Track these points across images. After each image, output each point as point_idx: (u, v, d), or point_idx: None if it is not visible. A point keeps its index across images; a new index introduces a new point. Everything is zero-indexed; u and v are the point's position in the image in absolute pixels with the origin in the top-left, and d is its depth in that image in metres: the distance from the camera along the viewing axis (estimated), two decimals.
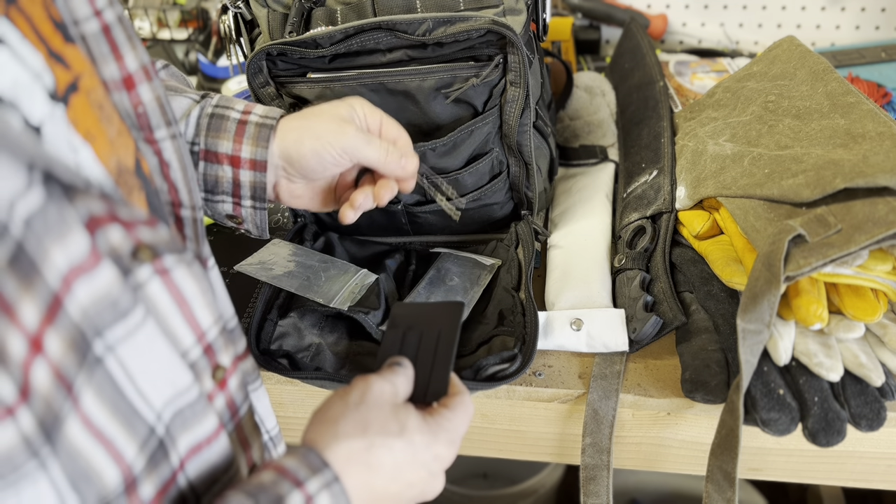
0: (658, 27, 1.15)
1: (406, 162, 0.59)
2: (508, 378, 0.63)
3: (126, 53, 0.42)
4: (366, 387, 0.44)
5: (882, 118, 0.65)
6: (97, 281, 0.32)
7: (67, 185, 0.31)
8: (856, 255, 0.58)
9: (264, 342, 0.69)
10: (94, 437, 0.32)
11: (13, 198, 0.27)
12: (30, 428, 0.28)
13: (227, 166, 0.57)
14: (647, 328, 0.66)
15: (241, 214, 0.60)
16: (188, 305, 0.38)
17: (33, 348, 0.28)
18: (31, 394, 0.28)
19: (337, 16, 0.66)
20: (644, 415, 0.67)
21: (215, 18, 1.20)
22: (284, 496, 0.37)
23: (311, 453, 0.40)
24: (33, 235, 0.28)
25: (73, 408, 0.31)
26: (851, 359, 0.60)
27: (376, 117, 0.59)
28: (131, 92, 0.42)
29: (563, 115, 0.97)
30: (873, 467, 0.69)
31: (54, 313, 0.29)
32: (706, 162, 0.74)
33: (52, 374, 0.29)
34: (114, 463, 0.33)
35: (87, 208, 0.32)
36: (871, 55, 1.03)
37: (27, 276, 0.28)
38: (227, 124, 0.57)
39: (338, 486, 0.39)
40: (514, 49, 0.65)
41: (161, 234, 0.37)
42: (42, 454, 0.29)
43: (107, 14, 0.41)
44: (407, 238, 0.82)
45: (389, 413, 0.43)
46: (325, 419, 0.43)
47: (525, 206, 0.79)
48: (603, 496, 0.65)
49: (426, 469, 0.44)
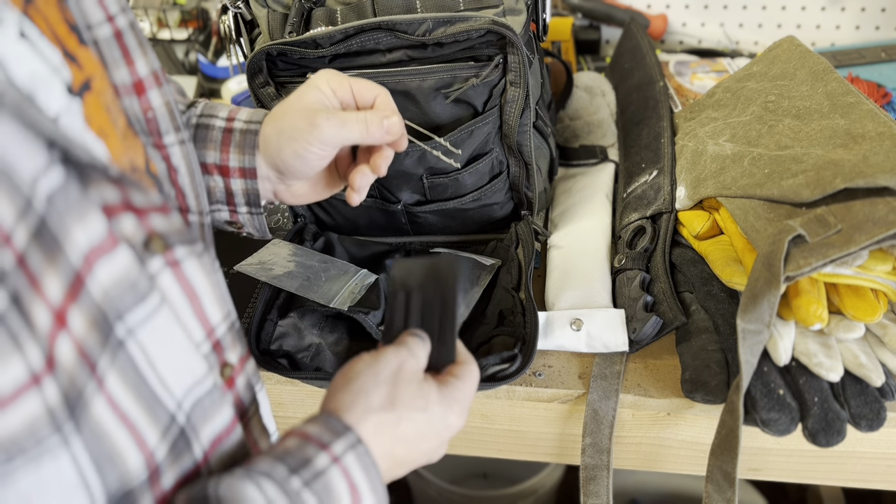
0: (658, 27, 1.15)
1: (389, 125, 0.55)
2: (508, 378, 0.63)
3: (137, 59, 0.43)
4: (399, 364, 0.45)
5: (882, 118, 0.65)
6: (116, 262, 0.32)
7: (83, 171, 0.31)
8: (856, 256, 0.58)
9: (264, 342, 0.69)
10: (119, 420, 0.32)
11: (36, 175, 0.28)
12: (54, 400, 0.28)
13: (217, 176, 0.57)
14: (647, 328, 0.66)
15: (240, 220, 0.60)
16: (198, 299, 0.39)
17: (58, 322, 0.29)
18: (56, 366, 0.29)
19: (337, 16, 0.66)
20: (644, 415, 0.67)
21: (215, 18, 1.20)
22: (311, 458, 0.38)
23: (331, 419, 0.41)
24: (55, 212, 0.29)
25: (98, 388, 0.31)
26: (851, 359, 0.60)
27: (345, 87, 0.55)
28: (141, 97, 0.43)
29: (563, 115, 0.97)
30: (873, 467, 0.69)
31: (77, 291, 0.30)
32: (706, 162, 0.74)
33: (76, 350, 0.30)
34: (137, 448, 0.33)
35: (101, 196, 0.33)
36: (871, 55, 1.03)
37: (51, 251, 0.29)
38: (212, 134, 0.56)
39: (362, 447, 0.40)
40: (514, 49, 0.65)
41: (174, 221, 0.37)
42: (65, 430, 0.29)
43: (119, 20, 0.41)
44: (407, 238, 0.82)
45: (417, 388, 0.45)
46: (355, 390, 0.43)
47: (525, 206, 0.79)
48: (603, 496, 0.65)
49: (439, 438, 0.46)
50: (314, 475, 0.37)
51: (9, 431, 0.27)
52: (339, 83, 0.55)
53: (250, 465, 0.37)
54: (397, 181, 0.74)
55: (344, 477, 0.38)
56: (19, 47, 0.31)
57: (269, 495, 0.35)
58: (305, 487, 0.37)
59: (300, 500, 0.36)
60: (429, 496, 1.29)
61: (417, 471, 1.27)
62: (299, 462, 0.38)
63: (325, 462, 0.38)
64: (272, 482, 0.36)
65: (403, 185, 0.74)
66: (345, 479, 0.38)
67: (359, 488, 0.39)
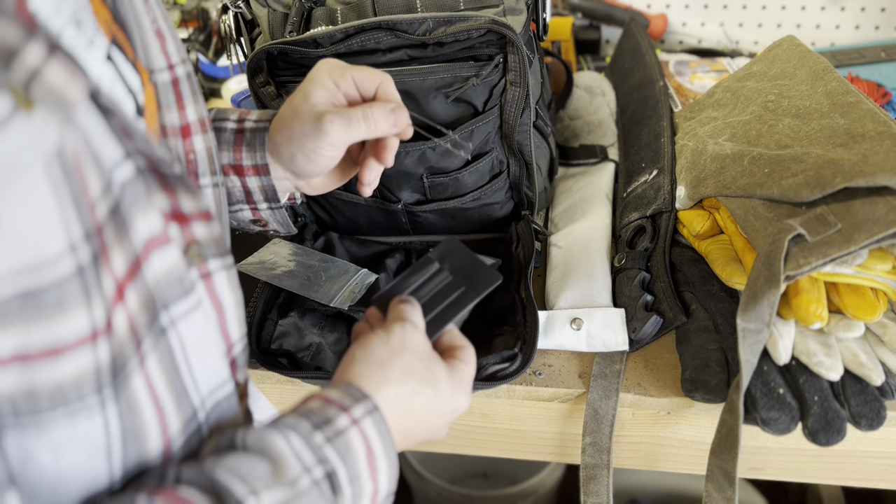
0: (658, 27, 1.15)
1: (395, 118, 0.55)
2: (508, 377, 0.63)
3: (188, 105, 0.46)
4: (404, 334, 0.48)
5: (882, 118, 0.65)
6: (168, 256, 0.36)
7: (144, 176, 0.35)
8: (856, 255, 0.58)
9: (264, 342, 0.69)
10: (152, 401, 0.34)
11: (114, 164, 0.32)
12: (104, 361, 0.31)
13: (234, 176, 0.58)
14: (648, 327, 0.66)
15: (262, 217, 0.62)
16: (224, 314, 0.42)
17: (118, 294, 0.32)
18: (112, 332, 0.31)
19: (337, 15, 0.66)
20: (644, 414, 0.67)
21: (215, 18, 1.20)
22: (333, 418, 0.40)
23: (350, 387, 0.43)
24: (126, 199, 0.33)
25: (140, 365, 0.34)
26: (851, 358, 0.60)
27: (347, 79, 0.55)
28: (186, 140, 0.46)
29: (563, 114, 0.97)
30: (873, 467, 0.69)
31: (135, 272, 0.33)
32: (706, 161, 0.74)
33: (129, 324, 0.33)
34: (160, 432, 0.35)
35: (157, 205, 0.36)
36: (870, 55, 1.03)
37: (120, 230, 0.32)
38: (224, 136, 0.58)
39: (378, 414, 0.42)
40: (514, 49, 0.65)
41: (214, 230, 0.40)
42: (104, 394, 0.32)
43: (178, 69, 0.45)
44: (407, 238, 0.82)
45: (427, 363, 0.47)
46: (371, 361, 0.46)
47: (525, 205, 0.79)
48: (603, 496, 0.65)
49: (446, 418, 0.48)
50: (335, 433, 0.39)
51: (59, 380, 0.30)
52: (340, 75, 0.55)
53: (280, 419, 0.40)
54: (397, 181, 0.74)
55: (362, 438, 0.40)
56: (105, 69, 0.37)
57: (294, 446, 0.38)
58: (327, 443, 0.39)
59: (322, 453, 0.38)
60: (429, 496, 1.29)
61: (417, 471, 1.27)
62: (322, 420, 0.40)
63: (346, 423, 0.40)
64: (297, 434, 0.38)
65: (404, 184, 0.74)
66: (363, 440, 0.40)
67: (374, 451, 0.41)
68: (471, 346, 0.52)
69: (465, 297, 0.53)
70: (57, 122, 0.28)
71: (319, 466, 0.37)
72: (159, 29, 0.44)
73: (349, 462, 0.39)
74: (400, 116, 0.55)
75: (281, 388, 0.72)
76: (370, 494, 0.40)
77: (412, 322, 0.49)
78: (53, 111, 0.27)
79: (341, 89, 0.56)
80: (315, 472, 0.37)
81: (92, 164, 0.30)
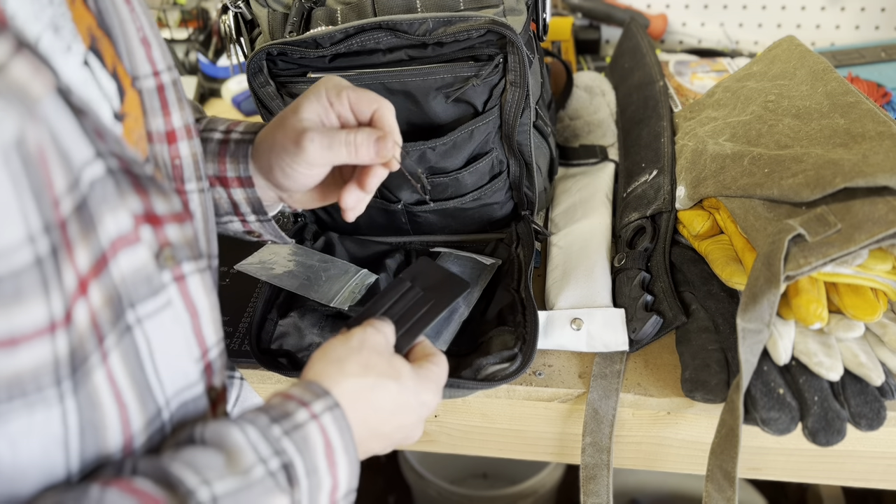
0: (658, 27, 1.15)
1: (379, 148, 0.52)
2: (508, 377, 0.63)
3: (174, 112, 0.46)
4: (364, 335, 0.49)
5: (882, 118, 0.65)
6: (136, 255, 0.37)
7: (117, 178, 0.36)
8: (855, 255, 0.58)
9: (265, 342, 0.69)
10: (113, 395, 0.35)
11: (84, 162, 0.33)
12: (63, 353, 0.32)
13: (219, 188, 0.58)
14: (647, 327, 0.66)
15: (254, 229, 0.61)
16: (198, 318, 0.42)
17: (80, 288, 0.32)
18: (72, 325, 0.32)
19: (337, 16, 0.66)
20: (644, 414, 0.67)
21: (215, 18, 1.20)
22: (292, 412, 0.41)
23: (312, 384, 0.44)
24: (95, 197, 0.34)
25: (102, 360, 0.34)
26: (851, 358, 0.60)
27: (342, 100, 0.53)
28: (172, 146, 0.47)
29: (563, 115, 0.97)
30: (873, 467, 0.69)
31: (100, 269, 0.34)
32: (706, 161, 0.74)
33: (90, 319, 0.33)
34: (121, 427, 0.36)
35: (126, 205, 0.36)
36: (870, 55, 1.03)
37: (86, 227, 0.33)
38: (210, 146, 0.58)
39: (339, 410, 0.42)
40: (514, 49, 0.65)
41: (187, 232, 0.41)
42: (63, 386, 0.32)
43: (164, 76, 0.46)
44: (407, 238, 0.82)
45: (388, 359, 0.48)
46: (330, 359, 0.46)
47: (525, 205, 0.79)
48: (603, 496, 0.65)
49: (415, 413, 0.48)
50: (294, 426, 0.40)
51: (16, 370, 0.30)
52: (337, 94, 0.53)
53: (241, 417, 0.40)
54: (397, 181, 0.74)
55: (321, 433, 0.41)
56: (81, 73, 0.38)
57: (251, 437, 0.38)
58: (285, 436, 0.39)
59: (279, 445, 0.39)
60: (429, 496, 1.29)
61: (417, 471, 1.27)
62: (280, 414, 0.40)
63: (305, 417, 0.41)
64: (255, 427, 0.39)
65: (404, 184, 0.74)
66: (322, 434, 0.41)
67: (334, 445, 0.41)
68: (442, 355, 0.52)
69: (434, 308, 0.55)
70: (17, 115, 0.28)
71: (276, 458, 0.38)
72: (145, 36, 0.45)
73: (307, 455, 0.39)
74: (384, 147, 0.52)
75: (281, 388, 0.72)
76: (329, 489, 0.40)
77: (374, 326, 0.50)
78: (13, 104, 0.28)
79: (335, 108, 0.53)
80: (271, 463, 0.38)
81: (58, 159, 0.31)
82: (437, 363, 0.51)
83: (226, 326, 0.75)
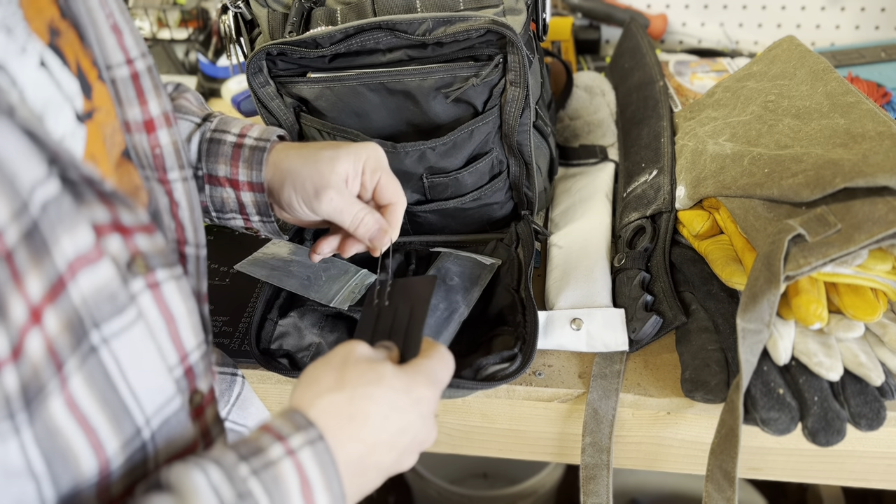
0: (658, 27, 1.15)
1: (373, 239, 0.58)
2: (508, 377, 0.63)
3: (150, 100, 0.46)
4: (348, 350, 0.46)
5: (882, 118, 0.65)
6: (99, 273, 0.35)
7: (78, 189, 0.34)
8: (855, 255, 0.58)
9: (264, 342, 0.69)
10: (76, 421, 0.34)
11: (34, 183, 0.31)
12: (12, 388, 0.30)
13: (229, 188, 0.59)
14: (647, 328, 0.66)
15: (254, 227, 0.62)
16: (175, 323, 0.41)
17: (32, 318, 0.31)
18: (22, 358, 0.31)
19: (337, 16, 0.66)
20: (644, 414, 0.67)
21: (215, 18, 1.20)
22: (265, 448, 0.38)
23: (295, 414, 0.41)
24: (48, 219, 0.32)
25: (60, 387, 0.33)
26: (851, 358, 0.60)
27: (374, 179, 0.58)
28: (151, 135, 0.46)
29: (563, 115, 0.97)
30: (873, 467, 0.69)
31: (57, 293, 0.32)
32: (706, 161, 0.74)
33: (46, 347, 0.32)
34: (93, 452, 0.34)
35: (92, 215, 0.35)
36: (870, 55, 1.03)
37: (38, 252, 0.31)
38: (223, 149, 0.58)
39: (322, 444, 0.39)
40: (514, 49, 0.65)
41: (157, 241, 0.40)
42: (18, 419, 0.31)
43: (138, 63, 0.45)
44: (407, 238, 0.82)
45: (366, 367, 0.44)
46: (307, 381, 0.44)
47: (525, 205, 0.79)
48: (603, 496, 0.65)
49: (414, 412, 0.44)
50: (264, 465, 0.37)
51: None
52: (374, 168, 0.58)
53: (209, 452, 0.38)
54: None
55: (296, 470, 0.38)
56: (38, 75, 0.36)
57: (213, 480, 0.36)
58: (253, 475, 0.37)
59: (245, 487, 0.36)
60: (429, 496, 1.29)
61: (417, 471, 1.27)
62: (251, 451, 0.38)
63: (279, 453, 0.38)
64: (219, 468, 0.36)
65: (404, 184, 0.74)
66: (297, 472, 0.38)
67: (311, 483, 0.38)
68: (437, 348, 0.49)
69: (417, 312, 0.53)
70: None
71: (240, 501, 0.35)
72: (116, 23, 0.43)
73: (276, 496, 0.36)
74: (380, 239, 0.58)
75: (281, 388, 0.72)
76: None
77: (357, 339, 0.48)
78: None
79: (363, 178, 0.58)
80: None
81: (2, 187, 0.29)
82: (428, 356, 0.48)
83: (225, 326, 0.75)
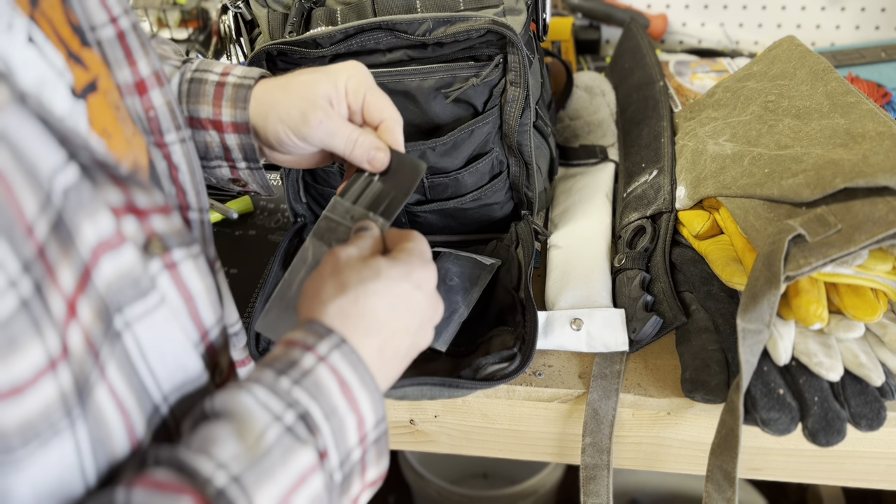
0: (658, 27, 1.15)
1: (372, 158, 0.53)
2: (508, 377, 0.63)
3: (139, 59, 0.44)
4: (334, 258, 0.46)
5: (882, 118, 0.65)
6: (121, 258, 0.34)
7: (90, 172, 0.33)
8: (856, 255, 0.58)
9: (264, 342, 0.69)
10: (116, 407, 0.34)
11: (54, 171, 0.30)
12: (68, 385, 0.30)
13: (212, 131, 0.56)
14: (647, 328, 0.66)
15: (241, 177, 0.59)
16: (193, 301, 0.40)
17: (70, 311, 0.31)
18: (70, 353, 0.30)
19: (337, 16, 0.66)
20: (644, 414, 0.67)
21: (215, 18, 1.20)
22: (297, 360, 0.39)
23: (313, 324, 0.42)
24: (70, 207, 0.31)
25: (101, 376, 0.33)
26: (851, 358, 0.60)
27: (359, 95, 0.53)
28: (143, 96, 0.44)
29: (563, 115, 0.97)
30: (873, 467, 0.69)
31: (85, 282, 0.32)
32: (706, 162, 0.74)
33: (84, 339, 0.32)
34: (127, 435, 0.35)
35: (106, 198, 0.35)
36: (871, 55, 1.03)
37: (65, 243, 0.31)
38: (205, 88, 0.55)
39: (346, 346, 0.40)
40: (514, 49, 0.65)
41: (174, 222, 0.39)
42: (73, 414, 0.31)
43: (122, 21, 0.43)
44: None
45: (361, 265, 0.45)
46: (309, 296, 0.44)
47: (525, 205, 0.79)
48: (603, 496, 0.65)
49: (419, 293, 0.45)
50: (302, 374, 0.38)
51: (26, 416, 0.28)
52: (356, 88, 0.53)
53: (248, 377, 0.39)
54: None
55: (332, 373, 0.39)
56: (28, 52, 0.33)
57: (260, 398, 0.37)
58: (295, 385, 0.38)
59: (291, 397, 0.37)
60: (429, 496, 1.29)
61: (417, 471, 1.27)
62: (286, 364, 0.39)
63: (311, 361, 0.39)
64: (261, 386, 0.37)
65: None
66: (333, 375, 0.39)
67: (349, 383, 0.39)
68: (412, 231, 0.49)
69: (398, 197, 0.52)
70: None
71: (290, 411, 0.36)
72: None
73: (322, 399, 0.38)
74: (378, 159, 0.53)
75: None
76: (354, 424, 0.39)
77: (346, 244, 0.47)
78: None
79: (348, 99, 0.54)
80: (286, 417, 0.36)
81: (25, 181, 0.28)
82: (410, 239, 0.48)
83: None
